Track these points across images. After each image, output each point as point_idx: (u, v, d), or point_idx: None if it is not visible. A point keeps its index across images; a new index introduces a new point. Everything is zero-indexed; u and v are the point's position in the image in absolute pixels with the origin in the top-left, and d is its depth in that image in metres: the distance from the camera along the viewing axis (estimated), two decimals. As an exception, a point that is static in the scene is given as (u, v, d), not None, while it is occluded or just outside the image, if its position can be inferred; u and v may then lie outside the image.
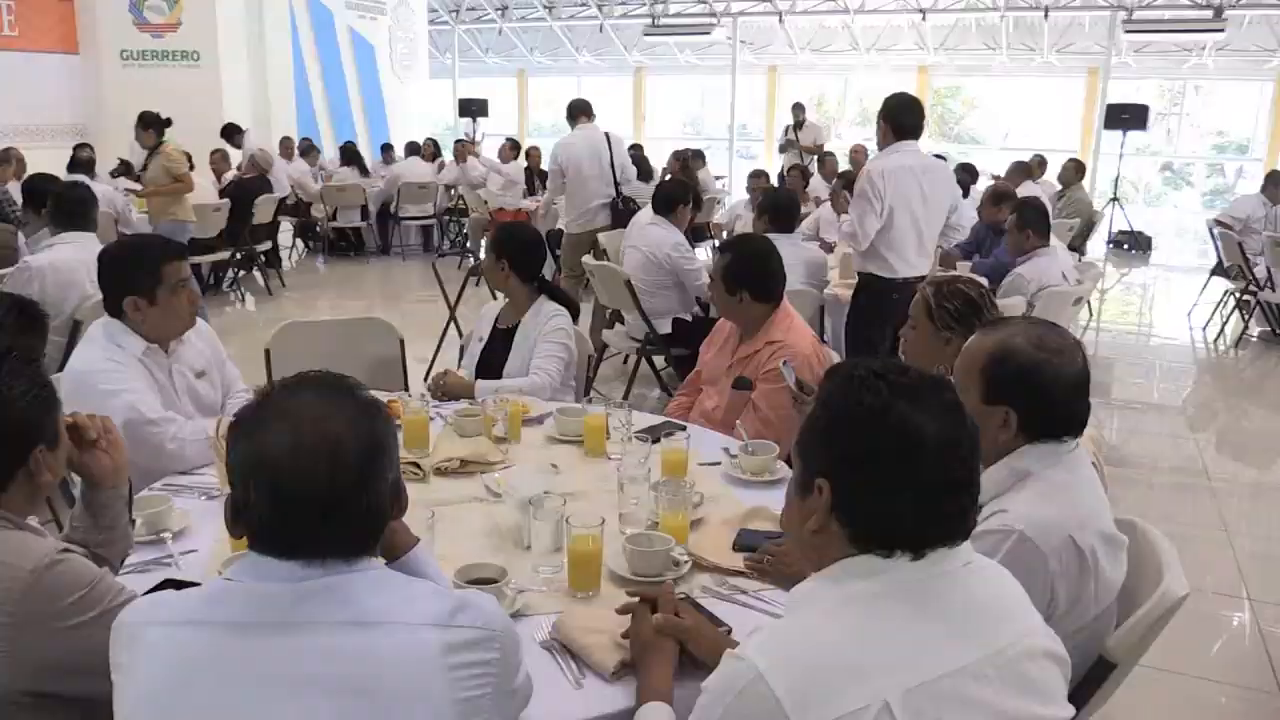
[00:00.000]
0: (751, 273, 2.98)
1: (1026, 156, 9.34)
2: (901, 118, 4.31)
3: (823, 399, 1.26)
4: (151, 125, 7.35)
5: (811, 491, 1.23)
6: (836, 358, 3.21)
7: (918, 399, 1.20)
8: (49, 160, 8.80)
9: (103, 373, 2.49)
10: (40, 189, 5.32)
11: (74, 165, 8.30)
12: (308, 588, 1.16)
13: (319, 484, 1.16)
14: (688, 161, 8.28)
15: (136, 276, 2.57)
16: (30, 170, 7.56)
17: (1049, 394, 1.70)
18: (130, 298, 2.57)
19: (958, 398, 1.25)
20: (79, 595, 1.41)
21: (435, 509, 1.92)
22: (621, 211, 6.79)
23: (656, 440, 2.39)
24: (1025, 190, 7.34)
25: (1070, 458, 1.73)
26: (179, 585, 1.82)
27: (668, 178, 7.97)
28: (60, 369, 3.31)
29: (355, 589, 1.18)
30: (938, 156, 5.86)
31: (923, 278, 3.73)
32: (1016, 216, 5.02)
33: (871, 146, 7.03)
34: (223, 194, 8.64)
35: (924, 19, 15.76)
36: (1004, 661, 1.17)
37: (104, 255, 2.68)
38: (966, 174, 8.28)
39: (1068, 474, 1.71)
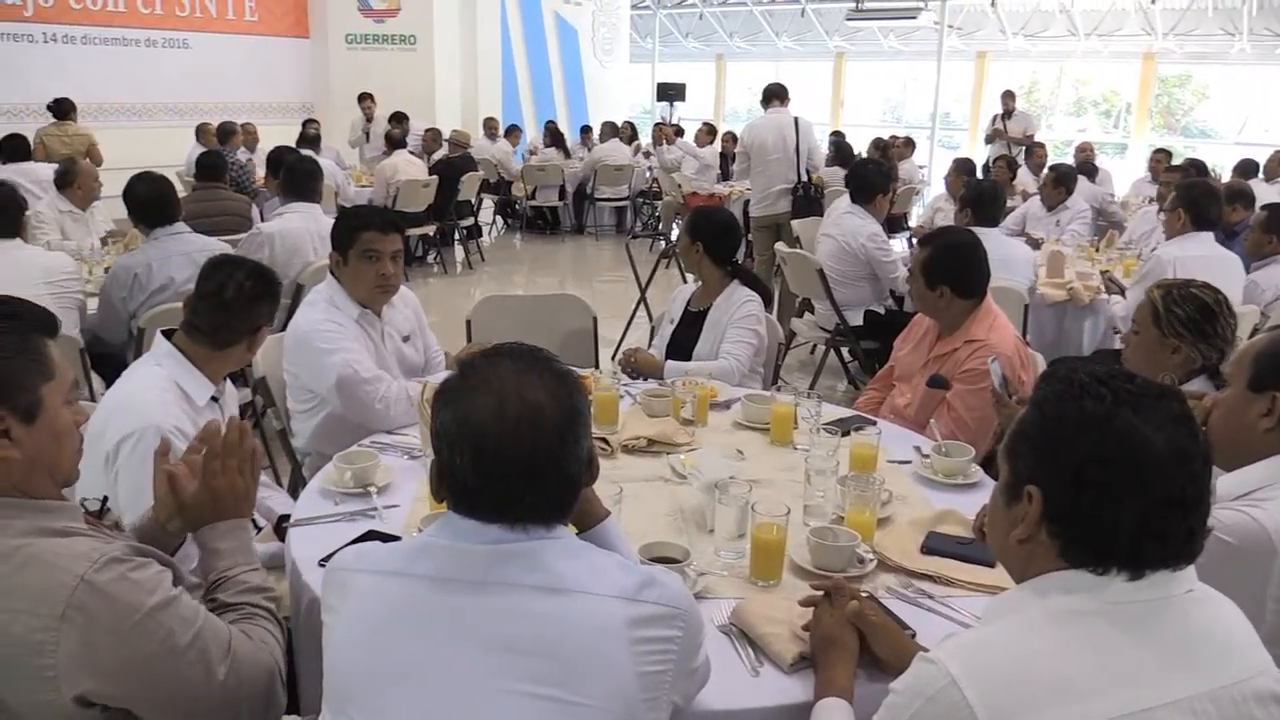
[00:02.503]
0: (954, 267, 2.86)
1: (1264, 153, 8.54)
2: (1207, 208, 4.15)
3: (1038, 402, 1.19)
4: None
5: (1020, 499, 1.17)
6: (1040, 360, 3.04)
7: (1144, 408, 1.12)
8: (280, 135, 9.52)
9: (322, 332, 2.67)
10: (281, 161, 5.73)
11: (302, 140, 8.91)
12: (504, 550, 1.20)
13: (521, 450, 1.20)
14: (886, 149, 8.02)
15: (340, 235, 2.80)
16: (265, 144, 8.19)
17: None
18: (334, 253, 2.80)
19: (1189, 410, 1.16)
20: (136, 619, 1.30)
21: (622, 485, 1.95)
22: (803, 198, 6.68)
23: (846, 433, 2.33)
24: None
25: None
26: (381, 537, 1.94)
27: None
28: (282, 329, 3.59)
29: (549, 555, 1.21)
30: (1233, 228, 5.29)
31: None
32: (1267, 216, 4.57)
33: (1086, 138, 6.60)
34: (432, 171, 9.05)
35: (1153, 2, 14.65)
36: (1227, 700, 1.08)
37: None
38: (1196, 170, 7.65)
39: None
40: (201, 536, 1.61)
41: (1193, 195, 4.34)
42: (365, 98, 10.96)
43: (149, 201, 3.89)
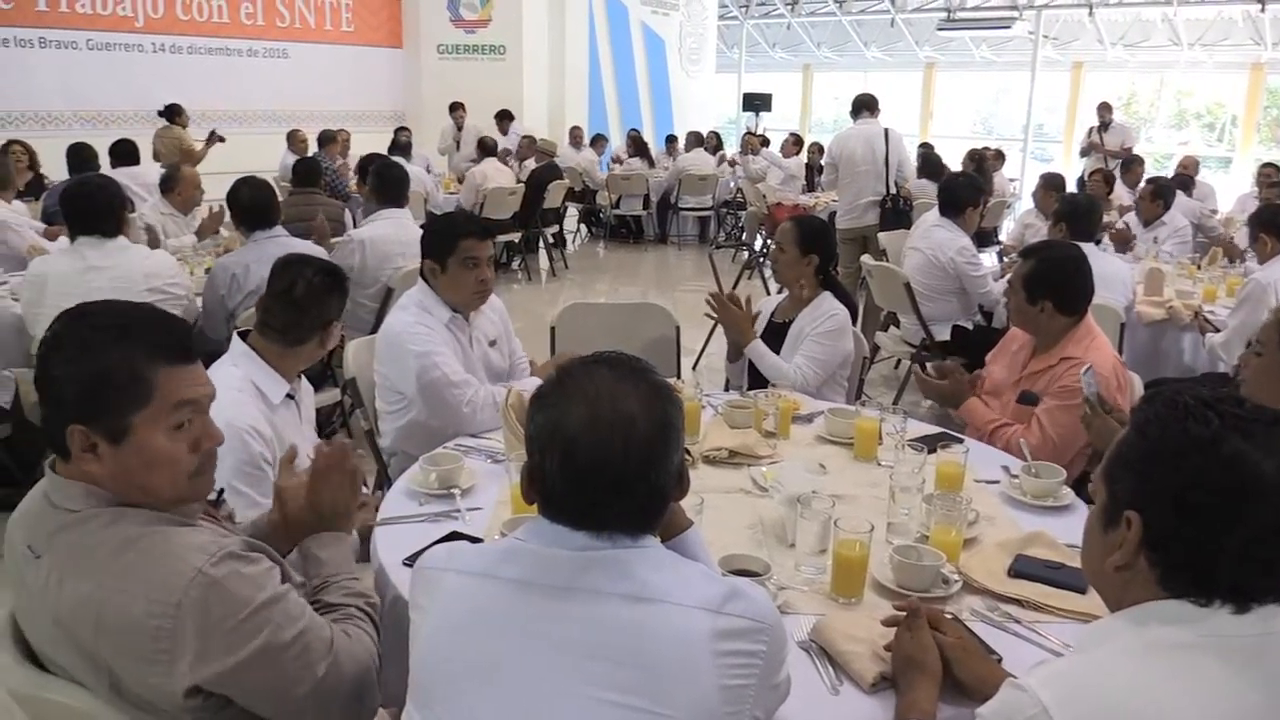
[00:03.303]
0: (1058, 281, 2.78)
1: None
2: None
3: (1139, 425, 1.15)
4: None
5: (1118, 524, 1.13)
6: (1138, 381, 2.95)
7: (1254, 434, 1.07)
8: (373, 142, 9.78)
9: (413, 335, 2.73)
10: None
11: (394, 148, 9.13)
12: (591, 557, 1.21)
13: (612, 458, 1.21)
14: (982, 162, 7.84)
15: (436, 244, 2.83)
16: (357, 151, 8.42)
17: None
18: (429, 261, 2.82)
19: None
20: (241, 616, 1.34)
21: (703, 496, 1.94)
22: (891, 210, 6.59)
23: (932, 450, 2.29)
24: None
25: None
26: (464, 539, 1.97)
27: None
28: (373, 331, 3.67)
29: (635, 564, 1.22)
30: None
31: None
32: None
33: (1188, 151, 6.37)
34: (521, 180, 9.19)
35: (1263, 10, 14.08)
36: None
37: (424, 224, 2.97)
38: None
39: None
40: (305, 546, 1.70)
41: (1267, 218, 4.23)
42: (457, 107, 11.19)
43: (252, 205, 4.02)
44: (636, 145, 11.82)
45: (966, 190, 5.08)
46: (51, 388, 1.37)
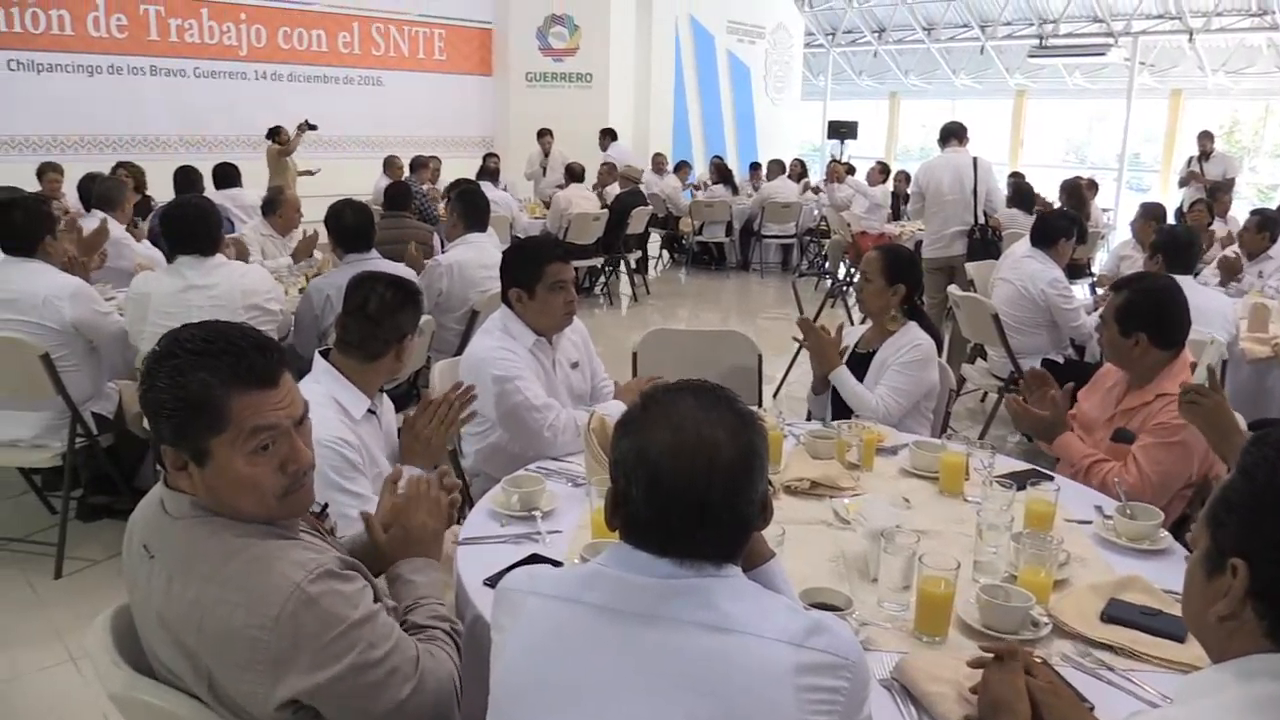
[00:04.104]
0: (1152, 314, 2.70)
1: None
2: None
3: (1246, 467, 1.11)
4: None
5: (1223, 571, 1.08)
6: (1242, 421, 2.83)
7: None
8: (462, 168, 10.00)
9: (496, 359, 2.77)
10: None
11: (482, 173, 9.32)
12: (674, 585, 1.21)
13: (696, 486, 1.21)
14: (1080, 191, 7.63)
15: (522, 271, 2.86)
16: (447, 176, 8.63)
17: None
18: (515, 289, 2.86)
19: None
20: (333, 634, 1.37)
21: (785, 527, 1.92)
22: (979, 241, 6.47)
23: (1021, 488, 2.23)
24: None
25: None
26: (544, 561, 1.98)
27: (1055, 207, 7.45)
28: (458, 353, 3.74)
29: (717, 594, 1.21)
30: None
31: None
32: None
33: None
34: (605, 205, 9.28)
35: (1380, 36, 13.53)
36: None
37: (505, 251, 3.02)
38: None
39: None
40: (396, 569, 1.74)
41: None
42: (545, 133, 11.38)
43: (353, 229, 4.14)
44: (720, 172, 11.84)
45: (1059, 220, 4.97)
46: (149, 408, 1.43)
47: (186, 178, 6.56)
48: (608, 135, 11.61)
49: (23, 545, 3.73)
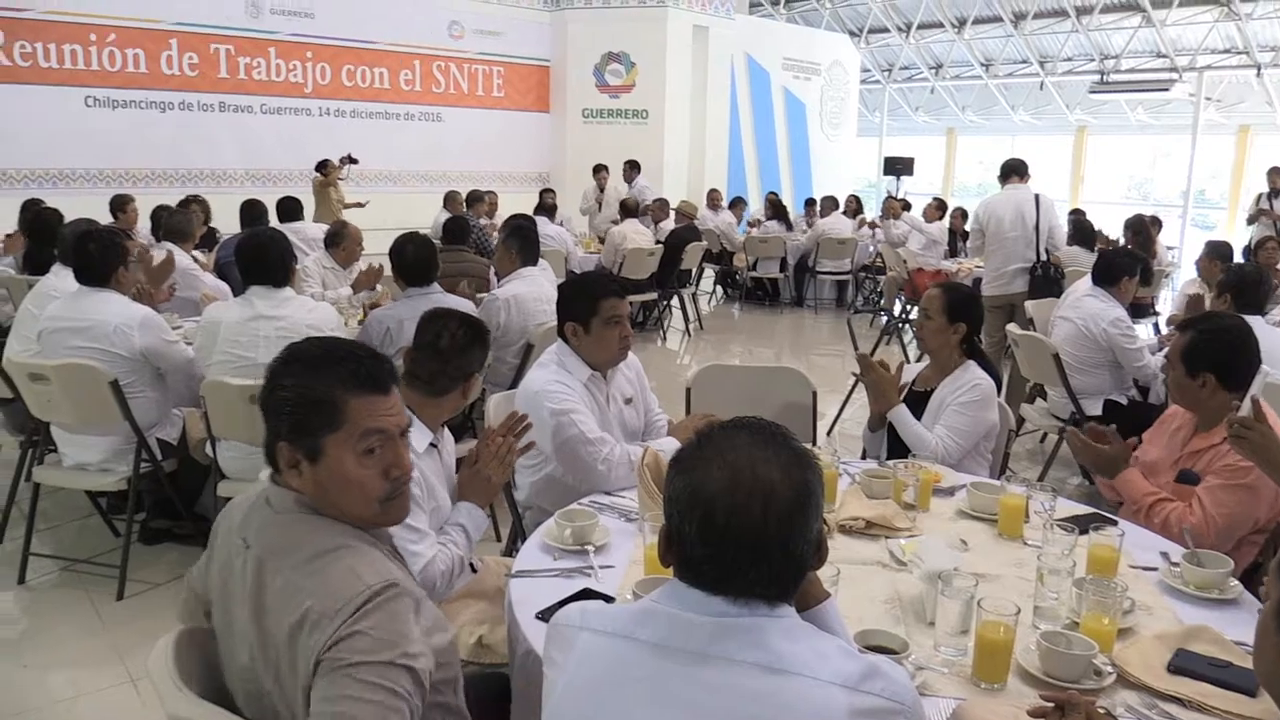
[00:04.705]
0: (1220, 354, 2.63)
1: None
2: None
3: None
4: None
5: (1300, 626, 1.05)
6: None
7: None
8: (520, 203, 10.14)
9: (551, 393, 2.78)
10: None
11: (539, 208, 9.44)
12: (727, 624, 1.20)
13: (751, 525, 1.20)
14: (1145, 229, 7.47)
15: (577, 306, 2.89)
16: (505, 211, 8.76)
17: None
18: (570, 323, 2.88)
19: None
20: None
21: (839, 566, 1.90)
22: (1042, 278, 6.37)
23: (1083, 532, 2.18)
24: None
25: None
26: (596, 596, 1.98)
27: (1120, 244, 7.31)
28: (513, 385, 3.77)
29: (770, 634, 1.20)
30: None
31: None
32: None
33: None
34: (659, 240, 9.33)
35: None
36: None
37: (561, 285, 3.04)
38: None
39: None
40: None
41: None
42: (600, 169, 11.50)
43: (415, 262, 4.21)
44: (775, 208, 11.85)
45: (1122, 258, 4.89)
46: (270, 407, 1.55)
47: (252, 211, 6.74)
48: (633, 168, 11.67)
49: (87, 566, 3.82)
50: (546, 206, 9.67)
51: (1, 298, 6.01)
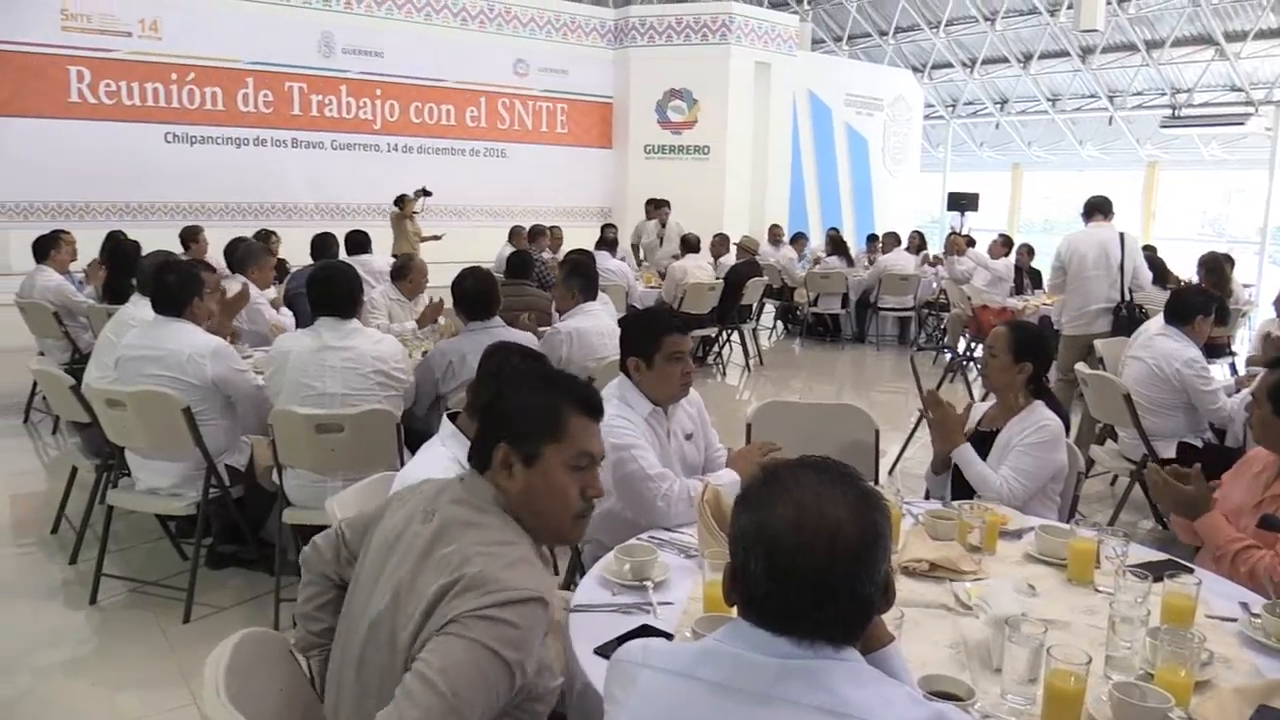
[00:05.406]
0: None
1: None
2: None
3: None
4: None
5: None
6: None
7: None
8: (582, 237, 10.25)
9: (612, 428, 2.78)
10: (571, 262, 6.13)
11: (601, 243, 9.52)
12: (792, 666, 1.18)
13: (817, 564, 1.19)
14: (1221, 266, 7.26)
15: (640, 341, 2.90)
16: (568, 245, 8.86)
17: None
18: (632, 358, 2.89)
19: None
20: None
21: (903, 609, 1.86)
22: (1125, 319, 6.23)
23: (1158, 579, 2.11)
24: None
25: None
26: (655, 633, 1.97)
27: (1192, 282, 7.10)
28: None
29: (835, 677, 1.18)
30: None
31: None
32: None
33: None
34: (720, 277, 9.34)
35: None
36: None
37: (623, 320, 3.06)
38: None
39: None
40: None
41: None
42: (662, 204, 11.56)
43: (475, 296, 4.25)
44: (834, 244, 11.80)
45: (1196, 296, 4.76)
46: (495, 411, 1.78)
47: (323, 243, 6.90)
48: (661, 205, 11.64)
49: (155, 589, 3.91)
50: (608, 241, 9.76)
51: (82, 326, 6.24)
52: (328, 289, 3.79)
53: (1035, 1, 16.61)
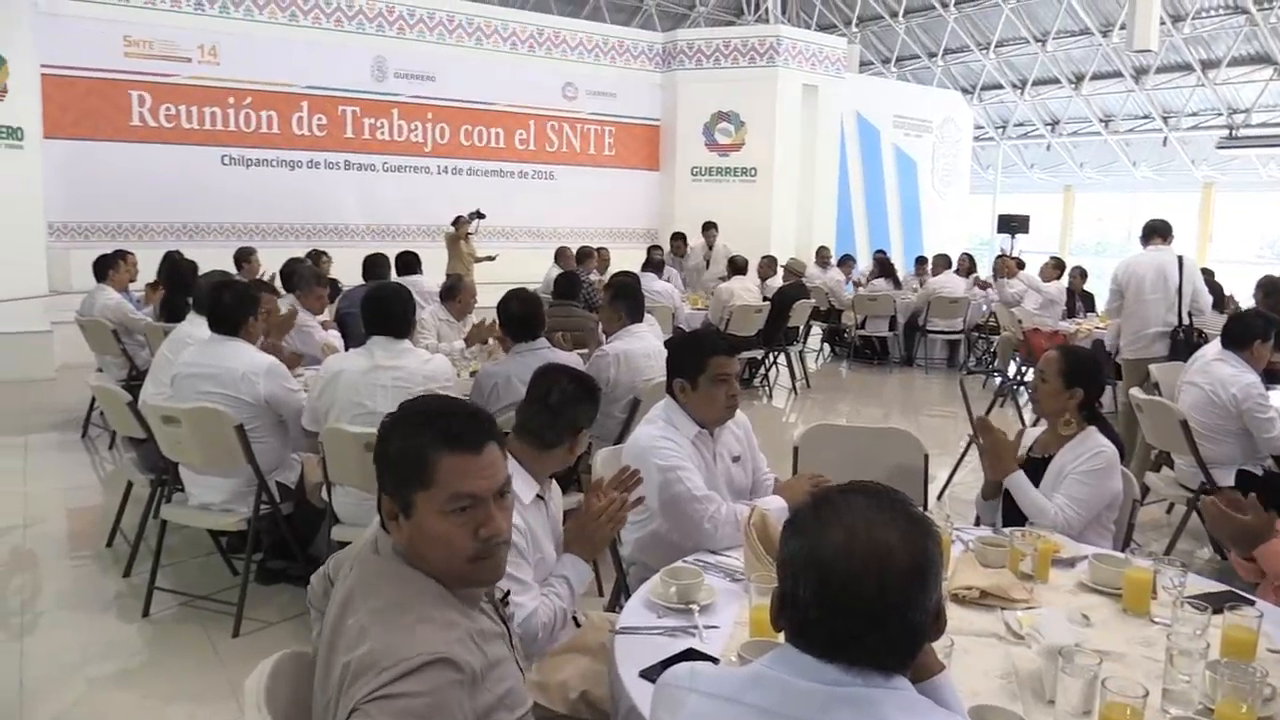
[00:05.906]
0: None
1: None
2: None
3: None
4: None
5: None
6: None
7: None
8: (629, 259, 10.30)
9: (658, 449, 2.79)
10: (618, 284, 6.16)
11: (648, 264, 9.56)
12: (840, 694, 1.17)
13: (867, 591, 1.18)
14: (1278, 290, 7.09)
15: (686, 363, 2.90)
16: (616, 267, 8.90)
17: None
18: (679, 380, 2.89)
19: None
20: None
21: (953, 638, 1.84)
22: (1183, 343, 6.10)
23: (1218, 611, 2.05)
24: None
25: None
26: (700, 657, 1.95)
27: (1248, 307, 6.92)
28: (619, 440, 3.79)
29: (885, 706, 1.17)
30: None
31: None
32: None
33: None
34: (767, 299, 9.32)
35: None
36: None
37: (669, 342, 3.06)
38: None
39: None
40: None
41: None
42: (709, 226, 11.58)
43: (521, 318, 4.29)
44: (881, 267, 11.71)
45: (1254, 320, 4.64)
46: (378, 460, 1.62)
47: (375, 264, 6.99)
48: (710, 229, 11.66)
49: (206, 603, 3.97)
50: (654, 263, 9.78)
51: (139, 343, 6.39)
52: (382, 308, 3.85)
53: (1087, 22, 16.44)
